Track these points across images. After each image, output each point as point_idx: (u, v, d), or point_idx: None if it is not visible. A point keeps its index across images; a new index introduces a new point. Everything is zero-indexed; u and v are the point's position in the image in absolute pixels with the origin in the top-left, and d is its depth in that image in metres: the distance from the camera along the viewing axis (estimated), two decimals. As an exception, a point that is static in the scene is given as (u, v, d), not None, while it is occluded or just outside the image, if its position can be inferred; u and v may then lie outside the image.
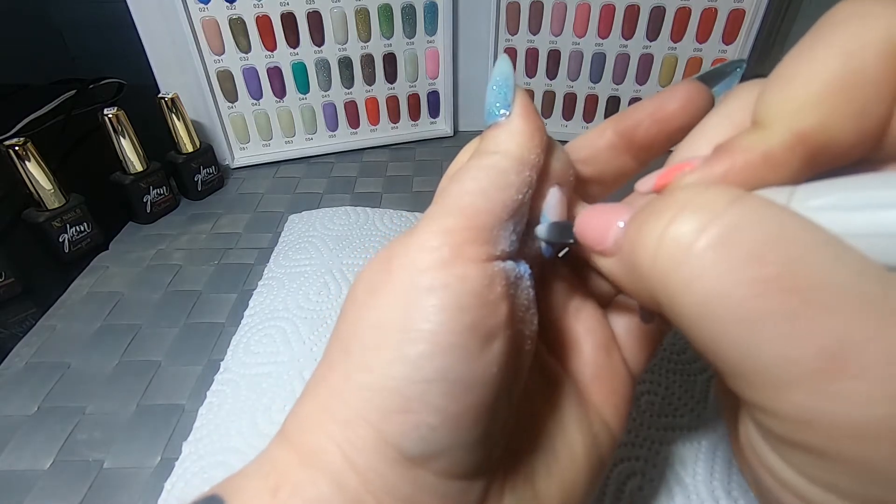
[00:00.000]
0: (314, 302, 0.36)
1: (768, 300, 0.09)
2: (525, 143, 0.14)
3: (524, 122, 0.14)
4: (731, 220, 0.10)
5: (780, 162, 0.11)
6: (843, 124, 0.11)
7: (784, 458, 0.10)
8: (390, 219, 0.44)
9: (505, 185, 0.13)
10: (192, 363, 0.34)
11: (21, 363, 0.34)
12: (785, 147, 0.11)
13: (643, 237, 0.11)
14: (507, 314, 0.13)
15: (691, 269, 0.10)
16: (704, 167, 0.12)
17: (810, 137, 0.11)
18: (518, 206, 0.13)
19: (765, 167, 0.11)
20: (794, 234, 0.09)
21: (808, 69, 0.11)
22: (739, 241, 0.09)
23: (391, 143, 0.59)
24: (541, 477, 0.15)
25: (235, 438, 0.28)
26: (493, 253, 0.13)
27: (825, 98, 0.11)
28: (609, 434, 0.17)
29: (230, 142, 0.54)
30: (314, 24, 0.51)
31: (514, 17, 0.53)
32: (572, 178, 0.16)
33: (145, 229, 0.46)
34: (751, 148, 0.11)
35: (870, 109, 0.11)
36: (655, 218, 0.11)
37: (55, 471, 0.28)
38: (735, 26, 0.49)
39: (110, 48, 0.74)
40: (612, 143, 0.17)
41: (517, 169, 0.14)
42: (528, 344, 0.14)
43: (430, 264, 0.12)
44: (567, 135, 0.58)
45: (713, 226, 0.10)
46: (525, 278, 0.14)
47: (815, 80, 0.11)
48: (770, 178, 0.11)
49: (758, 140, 0.11)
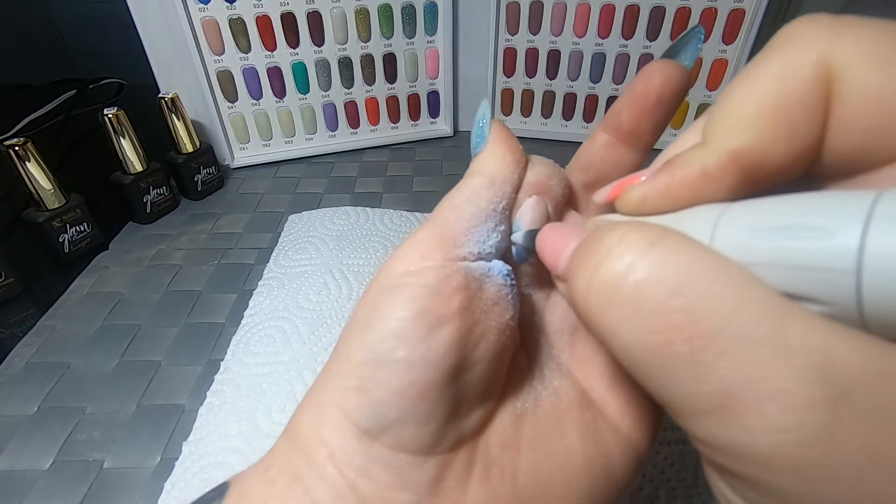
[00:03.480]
0: (314, 302, 0.36)
1: (673, 347, 0.10)
2: (496, 164, 0.16)
3: (496, 146, 0.16)
4: (644, 269, 0.10)
5: (714, 178, 0.12)
6: (774, 144, 0.11)
7: (725, 481, 0.11)
8: (390, 219, 0.44)
9: (476, 199, 0.15)
10: (192, 363, 0.34)
11: (21, 363, 0.34)
12: (719, 164, 0.12)
13: (578, 277, 0.12)
14: (460, 305, 0.14)
15: (615, 317, 0.11)
16: (648, 181, 0.13)
17: (742, 156, 0.12)
18: (487, 214, 0.15)
19: (702, 182, 0.12)
20: (698, 282, 0.10)
21: (745, 91, 0.12)
22: (649, 292, 0.10)
23: (391, 143, 0.59)
24: (525, 475, 0.15)
25: (235, 438, 0.28)
26: (458, 255, 0.15)
27: (758, 118, 0.11)
28: (627, 444, 0.16)
29: (230, 142, 0.54)
30: (314, 24, 0.51)
31: (514, 17, 0.53)
32: (561, 188, 0.17)
33: (145, 229, 0.46)
34: (690, 163, 0.12)
35: (800, 131, 0.11)
36: (587, 259, 0.12)
37: (55, 471, 0.28)
38: (735, 26, 0.49)
39: (110, 48, 0.75)
40: (604, 141, 0.17)
41: (488, 185, 0.16)
42: (494, 334, 0.15)
43: (400, 269, 0.14)
44: (567, 135, 0.58)
45: (630, 274, 0.11)
46: (495, 276, 0.15)
47: (749, 101, 0.11)
48: (707, 192, 0.12)
49: (696, 157, 0.12)
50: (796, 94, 0.11)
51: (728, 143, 0.12)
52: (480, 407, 0.15)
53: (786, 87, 0.11)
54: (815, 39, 0.11)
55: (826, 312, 0.09)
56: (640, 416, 0.17)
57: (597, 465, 0.16)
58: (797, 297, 0.10)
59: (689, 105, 0.55)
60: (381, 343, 0.14)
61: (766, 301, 0.09)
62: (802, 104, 0.11)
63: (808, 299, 0.10)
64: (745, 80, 0.12)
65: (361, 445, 0.14)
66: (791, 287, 0.10)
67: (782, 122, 0.11)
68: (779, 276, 0.10)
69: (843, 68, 0.11)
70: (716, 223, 0.11)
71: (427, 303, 0.14)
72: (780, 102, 0.11)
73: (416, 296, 0.14)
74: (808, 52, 0.11)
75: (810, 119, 0.11)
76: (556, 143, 0.58)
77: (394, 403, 0.14)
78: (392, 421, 0.14)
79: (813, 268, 0.09)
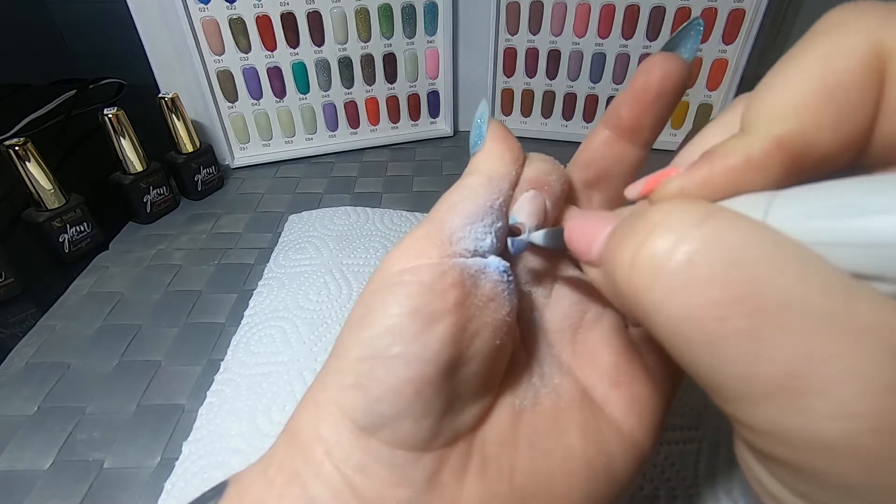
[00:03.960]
0: (314, 302, 0.36)
1: (731, 322, 0.09)
2: (494, 162, 0.16)
3: (494, 145, 0.16)
4: (698, 241, 0.10)
5: (760, 166, 0.11)
6: (822, 131, 0.11)
7: (767, 470, 0.10)
8: (390, 219, 0.44)
9: (473, 196, 0.15)
10: (192, 363, 0.34)
11: (21, 363, 0.34)
12: (764, 152, 0.11)
13: (619, 255, 0.11)
14: (455, 302, 0.14)
15: (661, 291, 0.10)
16: (687, 172, 0.12)
17: (789, 143, 0.11)
18: (484, 211, 0.15)
19: (745, 172, 0.11)
20: (758, 253, 0.09)
21: (790, 76, 0.11)
22: (704, 263, 0.10)
23: (391, 143, 0.59)
24: (523, 472, 0.15)
25: (235, 438, 0.28)
26: (454, 252, 0.15)
27: (805, 104, 0.11)
28: (629, 443, 0.16)
29: (230, 142, 0.54)
30: (314, 24, 0.51)
31: (514, 17, 0.53)
32: (560, 183, 0.17)
33: (145, 229, 0.46)
34: (732, 153, 0.12)
35: (850, 117, 0.11)
36: (630, 236, 0.11)
37: (55, 471, 0.28)
38: (735, 26, 0.49)
39: (110, 48, 0.74)
40: (605, 137, 0.17)
41: (486, 182, 0.16)
42: (490, 330, 0.15)
43: (396, 267, 0.14)
44: (567, 135, 0.58)
45: (681, 246, 0.10)
46: (491, 273, 0.15)
47: (796, 86, 0.11)
48: (751, 182, 0.11)
49: (739, 145, 0.12)
50: (847, 78, 0.11)
51: (773, 130, 0.11)
52: (477, 403, 0.15)
53: (835, 71, 0.11)
54: (866, 24, 0.11)
55: (891, 292, 0.09)
56: (643, 415, 0.17)
57: (597, 465, 0.16)
58: (863, 276, 0.09)
59: (690, 105, 0.55)
60: (376, 340, 0.14)
61: (831, 277, 0.09)
62: (853, 88, 0.11)
63: (876, 278, 0.09)
64: (790, 66, 0.11)
65: (358, 442, 0.14)
66: (856, 266, 0.09)
67: (831, 107, 0.11)
68: (842, 254, 0.09)
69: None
70: (768, 206, 0.11)
71: (422, 299, 0.14)
72: (829, 87, 0.11)
73: (411, 293, 0.14)
74: (858, 37, 0.11)
75: (861, 104, 0.11)
76: (556, 144, 0.58)
77: (390, 400, 0.14)
78: (388, 417, 0.14)
79: (881, 245, 0.09)
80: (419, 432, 0.14)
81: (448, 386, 0.14)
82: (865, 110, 0.11)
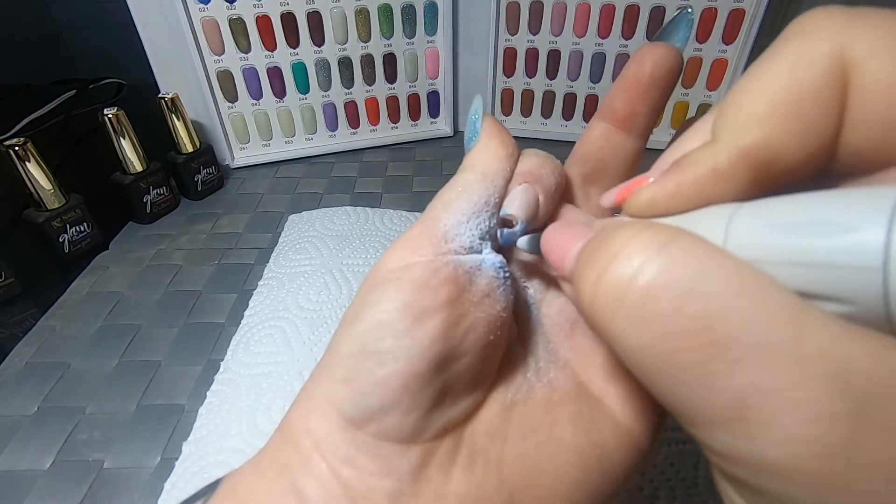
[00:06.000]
0: (314, 302, 0.36)
1: (685, 355, 0.09)
2: (488, 158, 0.16)
3: (488, 141, 0.17)
4: (656, 272, 0.10)
5: (726, 177, 0.11)
6: (787, 141, 0.11)
7: (734, 489, 0.11)
8: (390, 219, 0.44)
9: (467, 193, 0.16)
10: (192, 363, 0.34)
11: (21, 363, 0.34)
12: (730, 162, 0.11)
13: (583, 280, 0.12)
14: (447, 297, 0.14)
15: (622, 321, 0.10)
16: (658, 182, 0.12)
17: (755, 153, 0.11)
18: (479, 208, 0.15)
19: (713, 182, 0.11)
20: (712, 285, 0.09)
21: (755, 86, 0.11)
22: (661, 296, 0.10)
23: (391, 143, 0.59)
24: (511, 464, 0.15)
25: (235, 438, 0.28)
26: (448, 249, 0.15)
27: (770, 114, 0.11)
28: (625, 435, 0.16)
29: (230, 142, 0.54)
30: (314, 24, 0.51)
31: (514, 17, 0.53)
32: (554, 177, 0.17)
33: (145, 229, 0.46)
34: (700, 162, 0.12)
35: (814, 127, 0.11)
36: (594, 259, 0.11)
37: (55, 471, 0.28)
38: (735, 26, 0.49)
39: (110, 48, 0.75)
40: (601, 130, 0.17)
41: (480, 179, 0.16)
42: (484, 326, 0.15)
43: (391, 265, 0.15)
44: (567, 135, 0.58)
45: (639, 278, 0.10)
46: (486, 269, 0.15)
47: (761, 96, 0.11)
48: (719, 192, 0.12)
49: (707, 155, 0.12)
50: (810, 88, 0.11)
51: (739, 140, 0.11)
52: (468, 397, 0.15)
53: (799, 80, 0.11)
54: (829, 31, 0.11)
55: (847, 312, 0.09)
56: (641, 407, 0.17)
57: (590, 456, 0.16)
58: (816, 296, 0.09)
59: (690, 105, 0.55)
60: (366, 334, 0.14)
61: (782, 305, 0.09)
62: (817, 98, 0.11)
63: (827, 298, 0.09)
64: (756, 75, 0.11)
65: (346, 434, 0.14)
66: (809, 286, 0.09)
67: (796, 117, 0.11)
68: (796, 274, 0.09)
69: (859, 60, 0.10)
70: (729, 222, 0.11)
71: (413, 295, 0.14)
72: (793, 96, 0.11)
73: (402, 289, 0.14)
74: (821, 44, 0.10)
75: (825, 113, 0.11)
76: (556, 143, 0.58)
77: (377, 393, 0.14)
78: (375, 410, 0.14)
79: (834, 266, 0.09)
80: (407, 425, 0.14)
81: (438, 380, 0.14)
82: (829, 120, 0.11)
